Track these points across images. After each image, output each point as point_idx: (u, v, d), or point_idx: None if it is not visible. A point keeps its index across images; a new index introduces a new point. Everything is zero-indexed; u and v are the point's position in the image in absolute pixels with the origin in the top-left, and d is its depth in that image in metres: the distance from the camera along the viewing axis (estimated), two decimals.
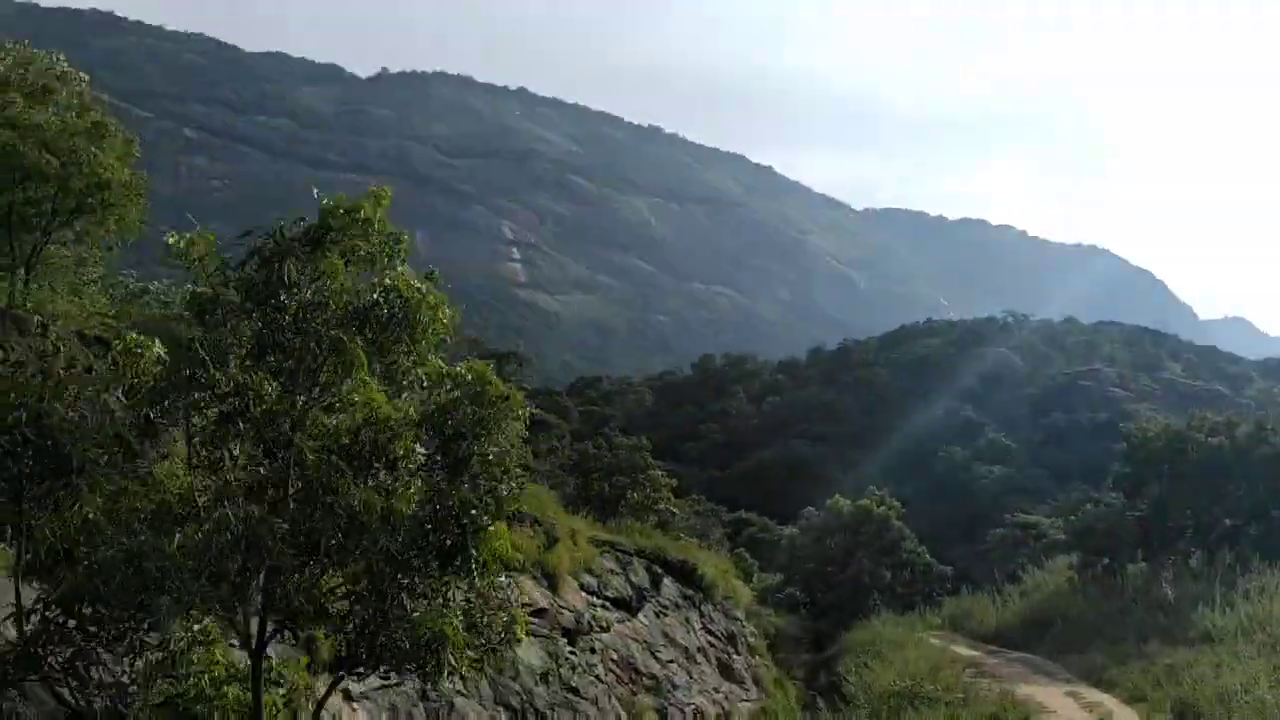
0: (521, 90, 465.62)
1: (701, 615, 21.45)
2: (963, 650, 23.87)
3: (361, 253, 8.63)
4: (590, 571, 16.30)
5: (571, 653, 13.25)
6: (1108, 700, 16.48)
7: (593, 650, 14.35)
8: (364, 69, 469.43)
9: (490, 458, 8.09)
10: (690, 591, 21.43)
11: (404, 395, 8.43)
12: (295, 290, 8.11)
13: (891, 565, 40.01)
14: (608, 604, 16.54)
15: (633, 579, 18.07)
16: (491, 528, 7.83)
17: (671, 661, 17.72)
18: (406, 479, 8.09)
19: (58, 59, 14.20)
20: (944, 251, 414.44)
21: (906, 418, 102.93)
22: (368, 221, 8.63)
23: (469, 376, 8.41)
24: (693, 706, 17.22)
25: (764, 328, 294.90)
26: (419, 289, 8.36)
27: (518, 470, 8.39)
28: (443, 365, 8.60)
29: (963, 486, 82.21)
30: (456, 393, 8.33)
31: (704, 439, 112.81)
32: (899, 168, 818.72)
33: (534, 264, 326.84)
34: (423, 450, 8.25)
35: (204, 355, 7.69)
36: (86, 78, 14.74)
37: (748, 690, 21.22)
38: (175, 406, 7.85)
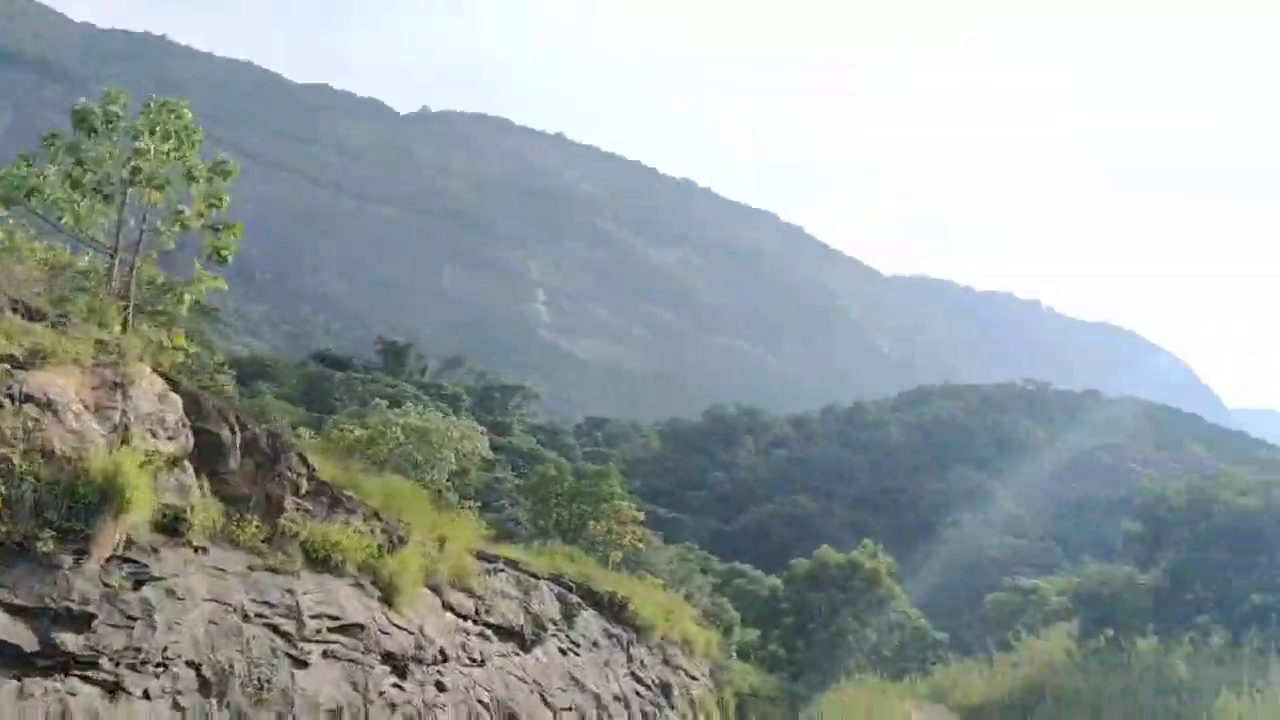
0: (559, 136, 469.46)
1: (630, 659, 18.27)
2: None
3: None
4: (469, 591, 13.24)
5: (397, 686, 10.16)
6: None
7: (440, 687, 11.24)
8: (404, 106, 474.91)
9: None
10: (618, 630, 18.27)
11: None
12: None
13: (879, 625, 36.49)
14: (489, 632, 13.45)
15: (534, 607, 14.97)
16: None
17: (570, 710, 14.56)
18: None
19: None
20: (970, 322, 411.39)
21: (918, 481, 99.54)
22: None
23: None
24: None
25: (787, 386, 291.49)
26: None
27: None
28: None
29: (971, 555, 78.40)
30: None
31: (709, 488, 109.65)
32: (927, 234, 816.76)
33: (559, 307, 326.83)
34: None
35: None
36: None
37: None
38: None
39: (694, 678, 24.34)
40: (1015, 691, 22.19)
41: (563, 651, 15.50)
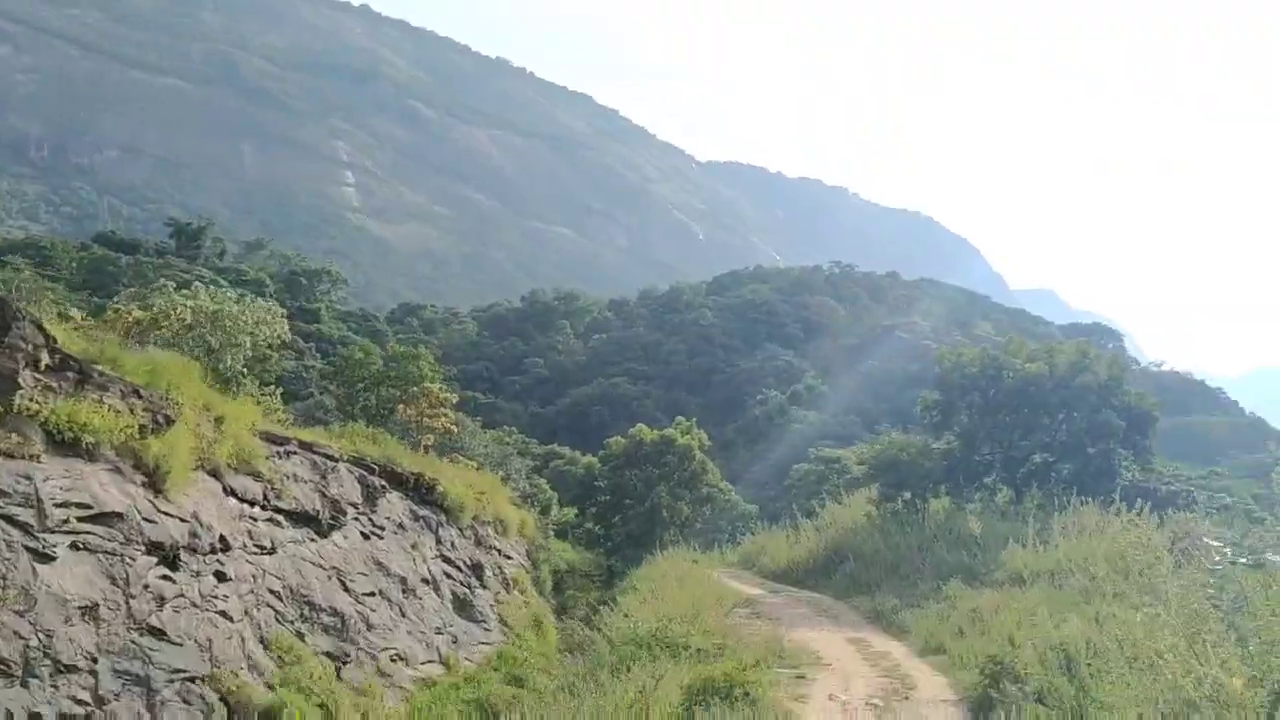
0: (364, 7, 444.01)
1: (439, 541, 17.67)
2: (746, 588, 21.06)
3: None
4: (255, 474, 12.19)
5: (166, 578, 9.16)
6: (897, 650, 13.69)
7: (220, 577, 10.29)
8: None
9: None
10: (426, 512, 17.58)
11: None
12: None
13: (693, 499, 37.36)
14: (279, 518, 12.49)
15: (332, 490, 14.05)
16: None
17: (373, 595, 13.87)
18: None
19: None
20: (781, 207, 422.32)
21: (730, 361, 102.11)
22: None
23: None
24: (392, 652, 13.45)
25: (602, 270, 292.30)
26: None
27: None
28: None
29: (778, 430, 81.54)
30: None
31: (527, 373, 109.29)
32: (740, 120, 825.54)
33: (369, 190, 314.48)
34: None
35: None
36: None
37: (489, 631, 17.65)
38: None
39: (509, 557, 24.04)
40: (819, 554, 23.00)
41: (365, 535, 14.70)
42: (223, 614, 10.13)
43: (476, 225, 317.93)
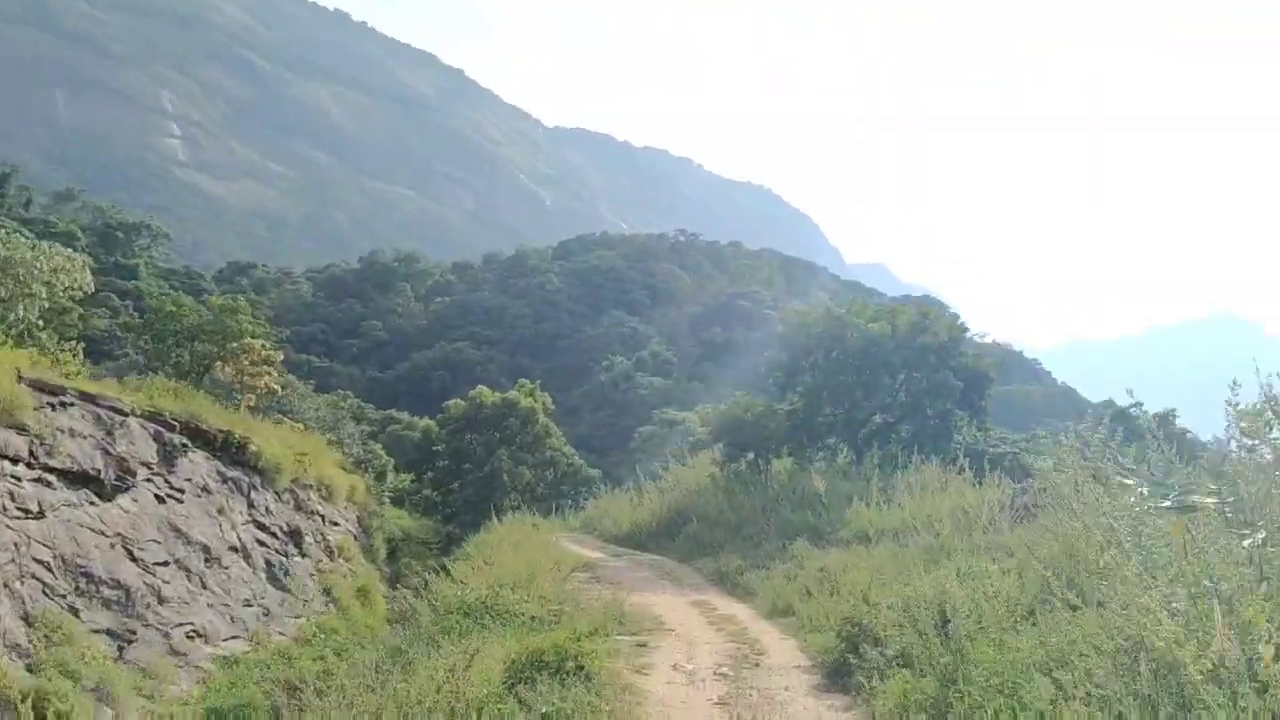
0: None
1: (252, 505, 16.11)
2: (587, 553, 20.27)
3: None
4: (19, 428, 10.48)
5: None
6: (743, 612, 13.09)
7: None
8: None
9: None
10: (236, 474, 15.98)
11: None
12: None
13: (535, 464, 36.35)
14: (50, 478, 10.82)
15: (119, 447, 12.37)
16: None
17: (167, 564, 12.32)
18: None
19: None
20: (627, 177, 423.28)
21: (575, 326, 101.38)
22: None
23: None
24: (189, 628, 11.98)
25: (447, 234, 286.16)
26: None
27: None
28: None
29: (623, 395, 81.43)
30: None
31: (365, 336, 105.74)
32: (585, 86, 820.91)
33: (197, 143, 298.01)
34: None
35: None
36: None
37: (308, 603, 16.24)
38: None
39: (335, 524, 22.51)
40: (662, 516, 22.41)
41: (160, 499, 13.07)
42: None
43: (315, 184, 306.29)
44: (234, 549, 14.81)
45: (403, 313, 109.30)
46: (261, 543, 16.03)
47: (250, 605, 14.34)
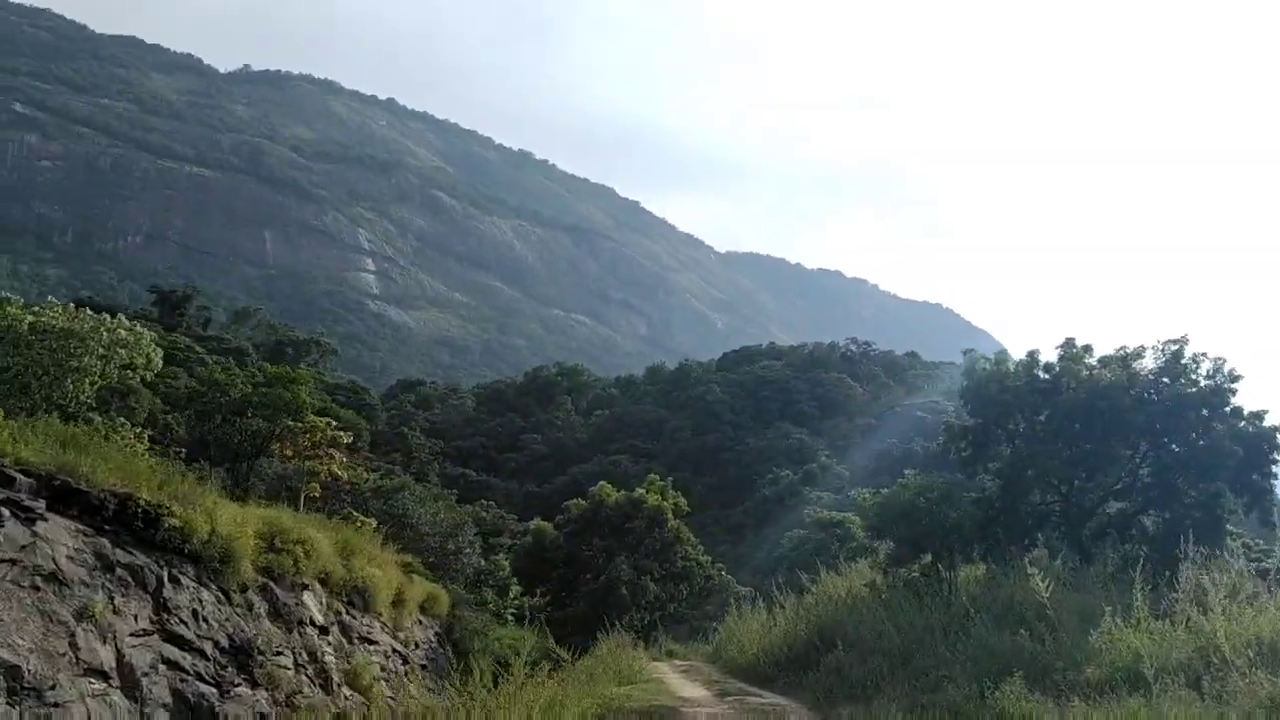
0: (390, 101, 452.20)
1: (165, 608, 10.90)
2: (684, 688, 14.03)
3: None
4: None
5: None
6: None
7: None
8: (224, 64, 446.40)
9: None
10: (136, 558, 10.82)
11: None
12: None
13: (664, 576, 30.09)
14: None
15: None
16: None
17: None
18: None
19: None
20: (801, 299, 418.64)
21: (739, 439, 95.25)
22: None
23: None
24: None
25: (619, 358, 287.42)
26: None
27: None
28: None
29: (790, 511, 74.11)
30: None
31: (525, 450, 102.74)
32: (758, 216, 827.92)
33: (389, 277, 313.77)
34: None
35: None
36: None
37: None
38: None
39: (370, 641, 17.16)
40: (798, 640, 15.91)
41: None
42: None
43: (496, 313, 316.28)
44: (100, 672, 9.51)
45: (563, 426, 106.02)
46: (174, 664, 10.71)
47: None
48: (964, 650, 11.26)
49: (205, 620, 11.56)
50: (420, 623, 23.16)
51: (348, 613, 16.75)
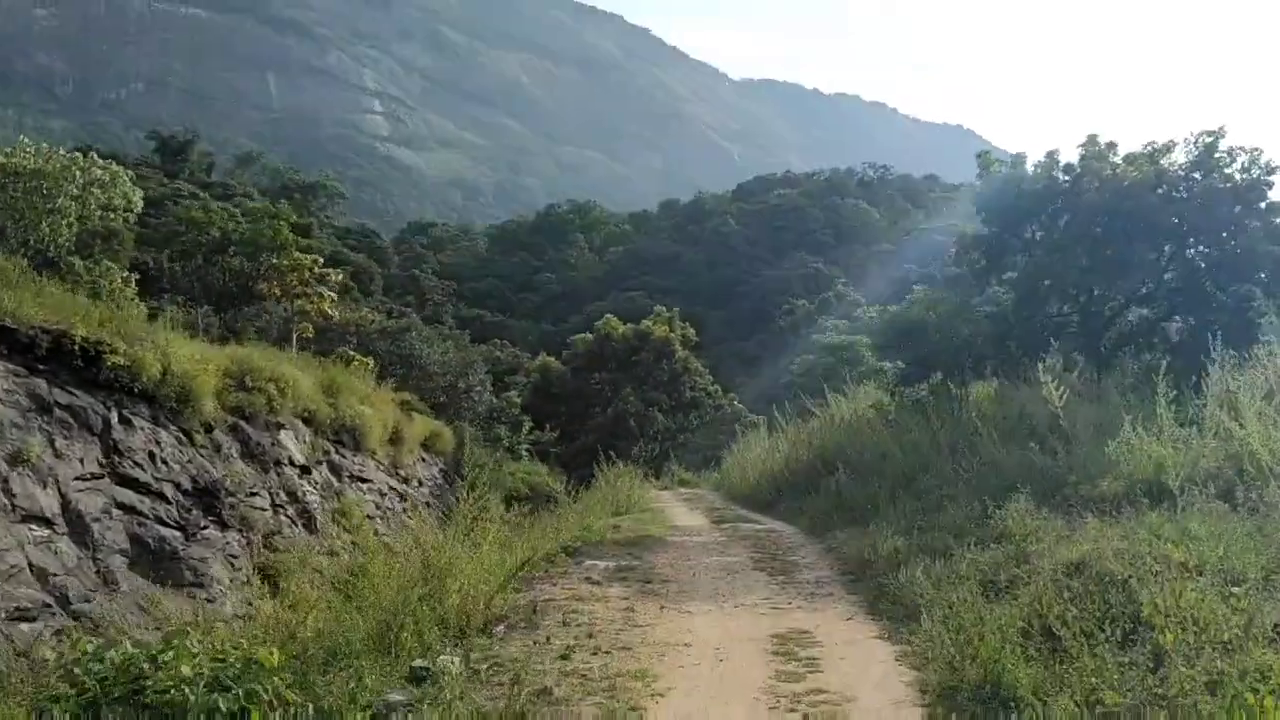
0: None
1: (117, 451, 10.24)
2: (682, 516, 13.50)
3: None
4: None
5: None
6: (883, 675, 5.95)
7: None
8: None
9: None
10: (82, 399, 10.11)
11: None
12: None
13: (673, 406, 29.60)
14: None
15: None
16: None
17: None
18: None
19: None
20: (818, 127, 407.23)
21: (754, 271, 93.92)
22: None
23: None
24: None
25: (634, 195, 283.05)
26: None
27: None
28: None
29: (807, 341, 73.57)
30: None
31: (540, 290, 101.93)
32: (774, 39, 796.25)
33: (397, 117, 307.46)
34: None
35: None
36: None
37: (212, 602, 10.26)
38: None
39: (362, 479, 16.76)
40: (800, 465, 15.29)
41: None
42: None
43: (508, 152, 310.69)
44: (42, 519, 8.91)
45: (577, 264, 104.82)
46: (130, 508, 10.12)
47: (68, 604, 8.49)
48: (970, 468, 10.50)
49: (164, 462, 10.92)
50: (423, 460, 22.86)
51: (337, 452, 16.23)
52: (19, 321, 9.71)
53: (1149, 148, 15.15)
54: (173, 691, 4.33)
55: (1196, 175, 14.42)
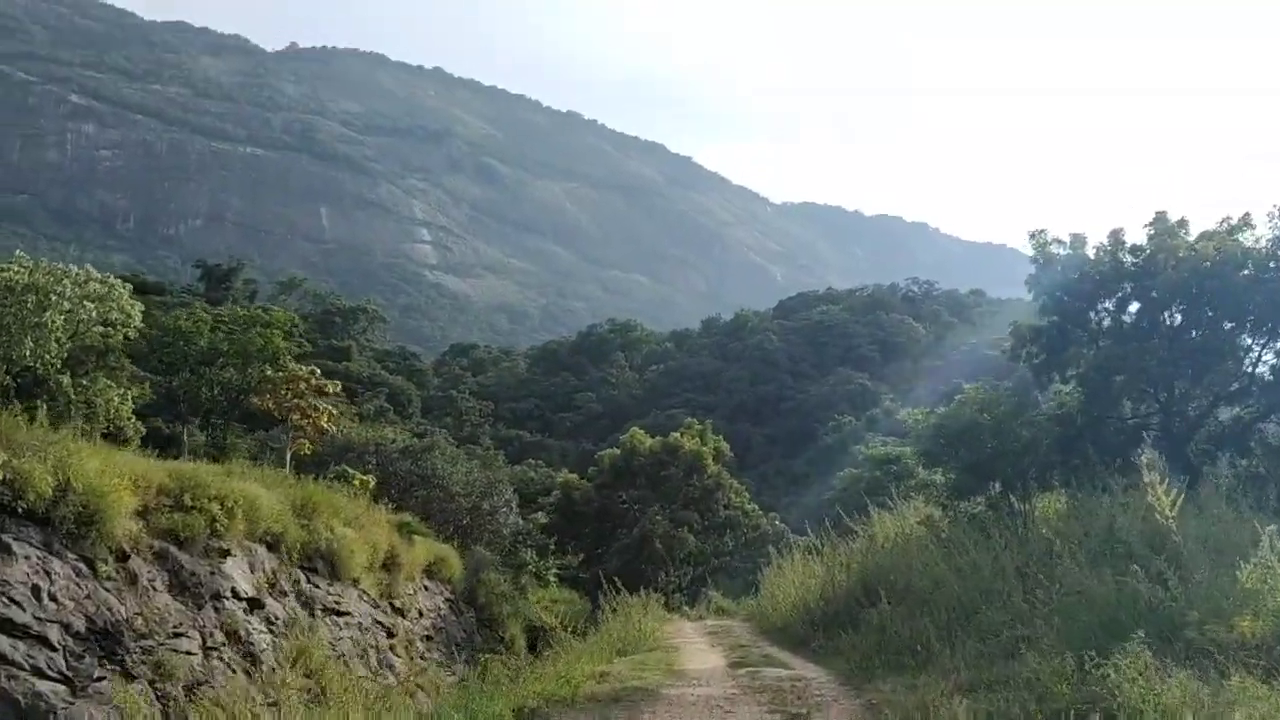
0: (437, 70, 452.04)
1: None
2: (693, 660, 11.24)
3: None
4: None
5: None
6: None
7: None
8: (272, 43, 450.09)
9: None
10: None
11: None
12: None
13: (706, 526, 27.25)
14: None
15: None
16: None
17: None
18: None
19: None
20: (859, 246, 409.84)
21: (798, 387, 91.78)
22: None
23: None
24: None
25: (677, 315, 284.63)
26: None
27: None
28: None
29: (854, 459, 70.76)
30: None
31: (579, 409, 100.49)
32: (814, 165, 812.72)
33: (445, 246, 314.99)
34: None
35: None
36: None
37: None
38: None
39: (340, 611, 14.73)
40: (837, 592, 12.94)
41: None
42: None
43: (554, 277, 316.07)
44: None
45: (617, 383, 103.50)
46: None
47: None
48: (1048, 600, 8.21)
49: (53, 598, 9.01)
50: (425, 588, 20.76)
51: (308, 580, 14.24)
52: None
53: (1225, 224, 13.15)
54: None
55: None
